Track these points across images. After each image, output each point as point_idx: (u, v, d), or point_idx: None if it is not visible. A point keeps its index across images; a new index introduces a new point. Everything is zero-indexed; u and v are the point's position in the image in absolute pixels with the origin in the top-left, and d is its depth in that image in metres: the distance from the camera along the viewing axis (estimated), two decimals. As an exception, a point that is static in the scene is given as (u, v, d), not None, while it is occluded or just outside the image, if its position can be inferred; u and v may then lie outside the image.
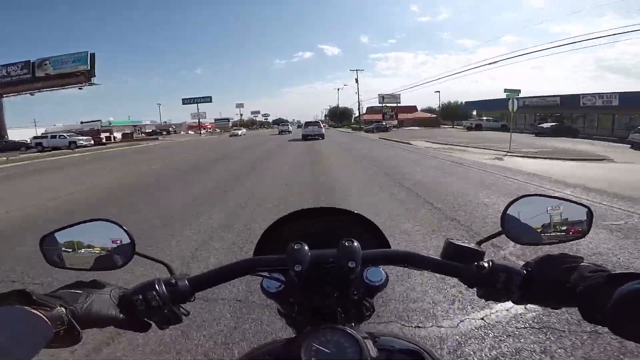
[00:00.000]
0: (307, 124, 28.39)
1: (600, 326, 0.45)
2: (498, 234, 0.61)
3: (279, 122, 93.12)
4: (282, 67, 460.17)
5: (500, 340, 1.95)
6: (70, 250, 0.57)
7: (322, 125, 27.46)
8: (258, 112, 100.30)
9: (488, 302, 0.57)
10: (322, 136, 25.84)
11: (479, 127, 37.17)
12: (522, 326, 2.06)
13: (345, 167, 10.38)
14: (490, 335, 1.99)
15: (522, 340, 1.94)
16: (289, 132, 44.83)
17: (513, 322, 2.10)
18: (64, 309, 0.43)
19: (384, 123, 43.87)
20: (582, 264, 0.51)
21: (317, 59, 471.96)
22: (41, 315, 0.39)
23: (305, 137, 26.08)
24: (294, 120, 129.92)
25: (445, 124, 52.55)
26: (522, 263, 0.56)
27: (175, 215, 5.19)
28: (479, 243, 0.60)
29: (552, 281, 0.51)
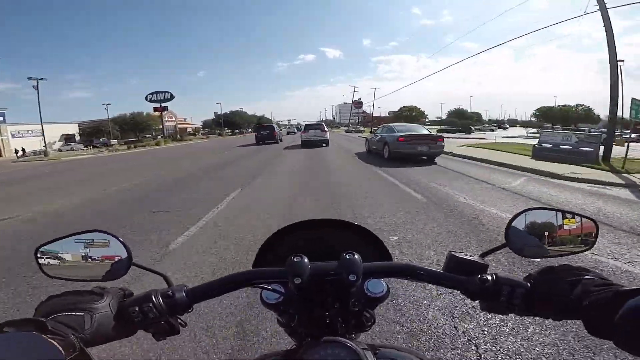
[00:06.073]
0: (308, 126, 22.81)
1: (605, 340, 0.44)
2: (502, 247, 0.60)
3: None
4: (284, 69, 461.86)
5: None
6: (66, 261, 0.56)
7: (325, 129, 22.18)
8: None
9: (491, 314, 0.56)
10: (326, 143, 21.17)
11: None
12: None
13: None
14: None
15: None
16: (295, 133, 49.78)
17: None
18: (75, 338, 0.44)
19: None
20: (586, 276, 0.50)
21: (319, 61, 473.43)
22: (55, 343, 0.40)
23: (305, 145, 20.86)
24: (289, 121, 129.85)
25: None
26: (524, 275, 0.55)
27: None
28: (482, 256, 0.60)
29: (556, 294, 0.50)
